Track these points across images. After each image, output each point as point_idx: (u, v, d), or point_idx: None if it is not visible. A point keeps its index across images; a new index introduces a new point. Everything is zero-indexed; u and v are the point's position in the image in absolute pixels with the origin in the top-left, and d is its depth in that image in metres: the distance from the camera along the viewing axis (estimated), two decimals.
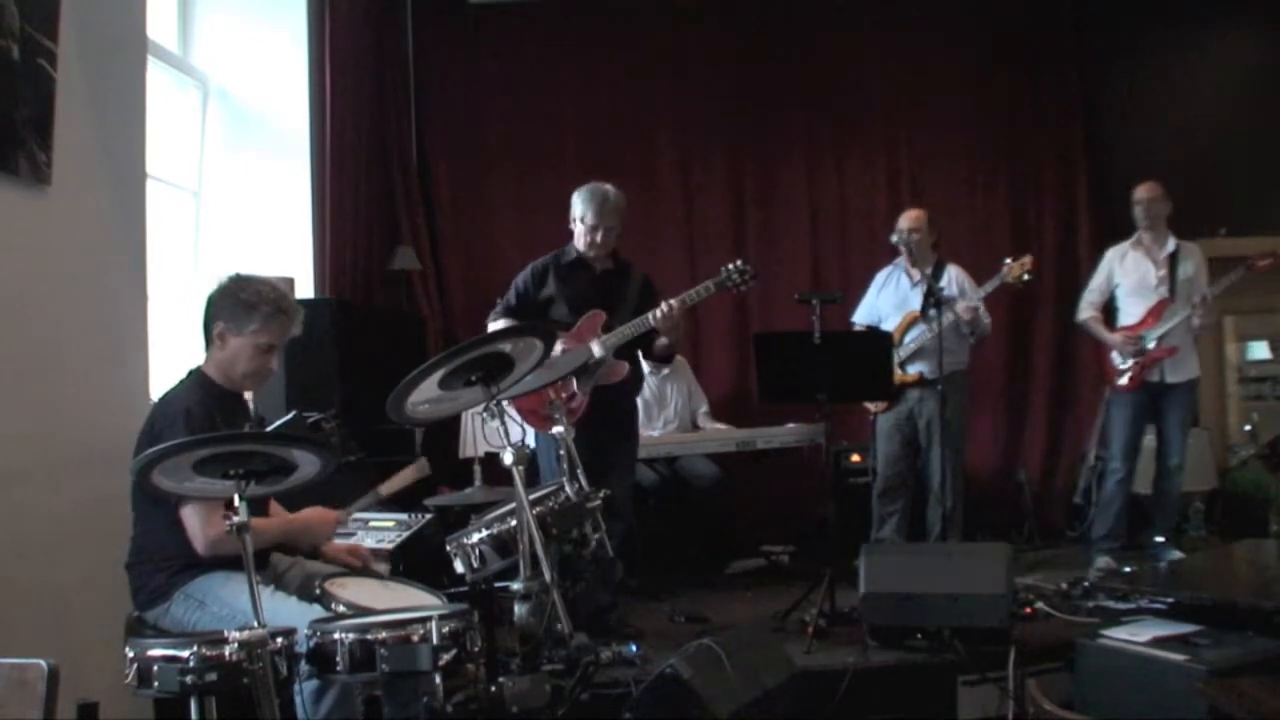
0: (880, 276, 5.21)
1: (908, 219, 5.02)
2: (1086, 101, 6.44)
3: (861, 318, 5.22)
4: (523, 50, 6.41)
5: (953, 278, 5.00)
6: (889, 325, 5.01)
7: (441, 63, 6.40)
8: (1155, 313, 4.88)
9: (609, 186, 3.98)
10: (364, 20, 5.65)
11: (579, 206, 3.99)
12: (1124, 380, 4.91)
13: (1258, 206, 6.14)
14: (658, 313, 3.84)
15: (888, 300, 5.11)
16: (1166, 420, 4.93)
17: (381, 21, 5.97)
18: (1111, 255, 5.10)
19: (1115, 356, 4.97)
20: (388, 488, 3.00)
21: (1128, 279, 5.01)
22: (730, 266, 3.95)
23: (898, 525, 5.00)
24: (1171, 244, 4.94)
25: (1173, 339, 4.84)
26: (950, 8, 6.48)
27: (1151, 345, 4.84)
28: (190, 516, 2.57)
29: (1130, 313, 5.00)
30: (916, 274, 4.95)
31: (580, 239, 4.01)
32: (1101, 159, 6.37)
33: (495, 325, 4.02)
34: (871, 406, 5.07)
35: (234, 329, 2.76)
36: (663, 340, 4.00)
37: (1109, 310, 5.14)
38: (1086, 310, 5.14)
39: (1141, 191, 4.97)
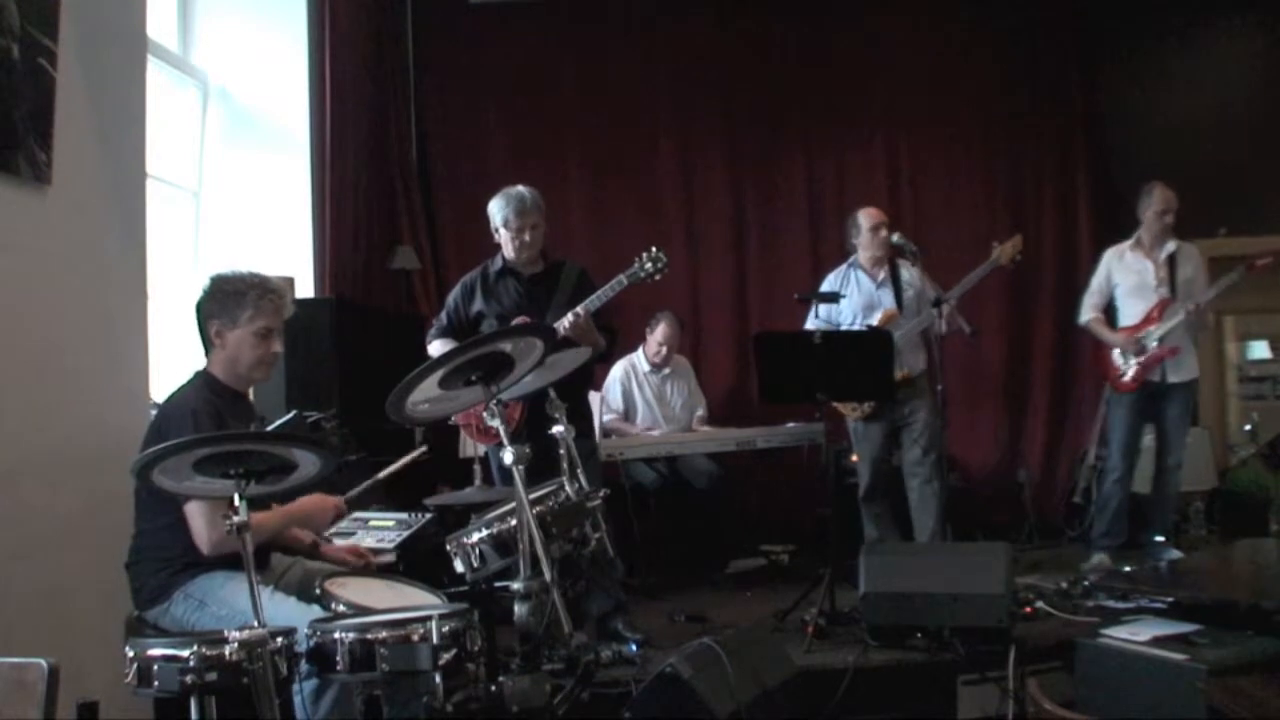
0: (832, 279, 5.01)
1: (876, 216, 4.90)
2: (1087, 101, 6.44)
3: (820, 323, 4.94)
4: (523, 50, 6.41)
5: (914, 274, 4.87)
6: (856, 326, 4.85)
7: (441, 63, 6.40)
8: (1157, 312, 4.88)
9: (522, 187, 3.87)
10: (364, 19, 5.65)
11: (498, 214, 3.88)
12: (1126, 380, 4.91)
13: (1258, 206, 6.13)
14: (565, 322, 3.72)
15: (849, 302, 4.91)
16: (1166, 420, 4.93)
17: (381, 21, 5.97)
18: (1110, 256, 5.08)
19: (1116, 357, 4.96)
20: (386, 472, 3.02)
21: (1126, 279, 5.00)
22: (643, 255, 3.81)
23: (888, 526, 4.93)
24: (1171, 245, 4.94)
25: (1174, 339, 4.84)
26: (951, 7, 6.49)
27: (1154, 345, 4.85)
28: (195, 515, 2.57)
29: (1130, 313, 4.99)
30: (881, 273, 4.88)
31: (507, 246, 3.91)
32: (1102, 158, 6.37)
33: (433, 347, 3.97)
34: (848, 412, 4.90)
35: (229, 323, 2.76)
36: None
37: (1108, 311, 5.13)
38: (1088, 312, 5.12)
39: (1171, 194, 4.87)
